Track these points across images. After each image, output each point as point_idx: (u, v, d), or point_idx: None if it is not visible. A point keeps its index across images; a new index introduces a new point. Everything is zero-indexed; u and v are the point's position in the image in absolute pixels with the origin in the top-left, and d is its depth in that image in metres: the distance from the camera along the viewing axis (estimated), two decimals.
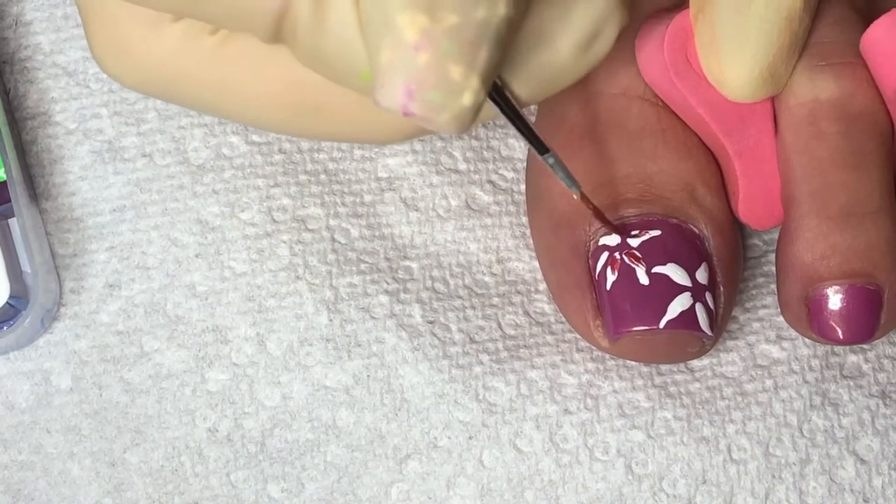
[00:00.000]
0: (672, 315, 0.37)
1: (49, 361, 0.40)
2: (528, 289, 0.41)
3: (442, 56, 0.29)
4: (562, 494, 0.39)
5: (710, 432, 0.40)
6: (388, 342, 0.40)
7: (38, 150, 0.41)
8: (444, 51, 0.29)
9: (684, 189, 0.38)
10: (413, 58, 0.29)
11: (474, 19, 0.29)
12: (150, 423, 0.40)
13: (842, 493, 0.39)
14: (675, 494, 0.39)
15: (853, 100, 0.37)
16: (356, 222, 0.41)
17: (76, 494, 0.39)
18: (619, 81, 0.39)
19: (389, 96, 0.29)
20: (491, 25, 0.29)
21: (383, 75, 0.29)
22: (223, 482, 0.39)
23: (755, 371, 0.40)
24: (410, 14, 0.29)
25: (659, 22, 0.38)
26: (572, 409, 0.40)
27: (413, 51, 0.29)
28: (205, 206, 0.40)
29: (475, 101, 0.30)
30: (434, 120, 0.30)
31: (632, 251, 0.38)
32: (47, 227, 0.40)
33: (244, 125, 0.41)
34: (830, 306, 0.37)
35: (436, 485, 0.39)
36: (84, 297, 0.40)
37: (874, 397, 0.40)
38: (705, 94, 0.38)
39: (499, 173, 0.42)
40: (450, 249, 0.41)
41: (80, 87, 0.41)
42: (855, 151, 0.37)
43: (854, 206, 0.37)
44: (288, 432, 0.40)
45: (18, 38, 0.42)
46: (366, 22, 0.30)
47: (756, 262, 0.42)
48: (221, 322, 0.40)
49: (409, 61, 0.29)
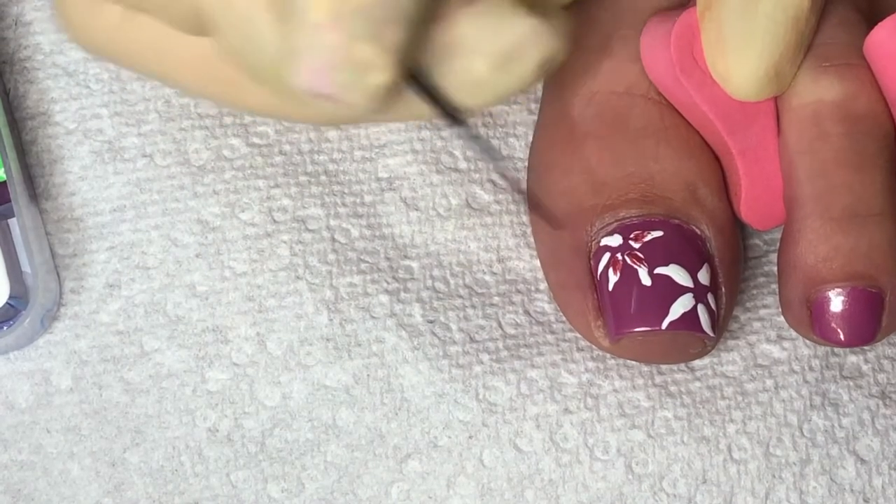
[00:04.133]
0: (674, 316, 0.37)
1: (49, 361, 0.40)
2: (529, 288, 0.41)
3: (350, 36, 0.29)
4: (562, 494, 0.39)
5: (711, 432, 0.40)
6: (388, 342, 0.40)
7: (38, 150, 0.41)
8: (352, 30, 0.29)
9: (686, 189, 0.38)
10: (321, 38, 0.29)
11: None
12: (150, 422, 0.40)
13: (842, 493, 0.40)
14: (675, 494, 0.39)
15: (857, 101, 0.37)
16: (356, 222, 0.41)
17: (76, 494, 0.39)
18: (623, 79, 0.39)
19: (300, 78, 0.30)
20: (400, 4, 0.29)
21: (293, 57, 0.30)
22: (223, 482, 0.39)
23: (756, 371, 0.40)
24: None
25: (664, 20, 0.38)
26: (572, 409, 0.40)
27: (321, 31, 0.29)
28: (205, 207, 0.40)
29: (386, 79, 0.30)
30: (345, 99, 0.30)
31: (634, 252, 0.38)
32: (47, 227, 0.40)
33: (244, 127, 0.41)
34: (832, 308, 0.37)
35: (436, 484, 0.39)
36: (84, 297, 0.40)
37: (874, 397, 0.40)
38: (710, 92, 0.38)
39: (499, 173, 0.42)
40: (450, 249, 0.41)
41: (81, 88, 0.41)
42: (858, 153, 0.37)
43: (857, 208, 0.37)
44: (288, 432, 0.40)
45: (18, 38, 0.42)
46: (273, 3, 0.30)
47: (757, 262, 0.42)
48: (221, 322, 0.40)
49: (318, 41, 0.29)
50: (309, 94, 0.30)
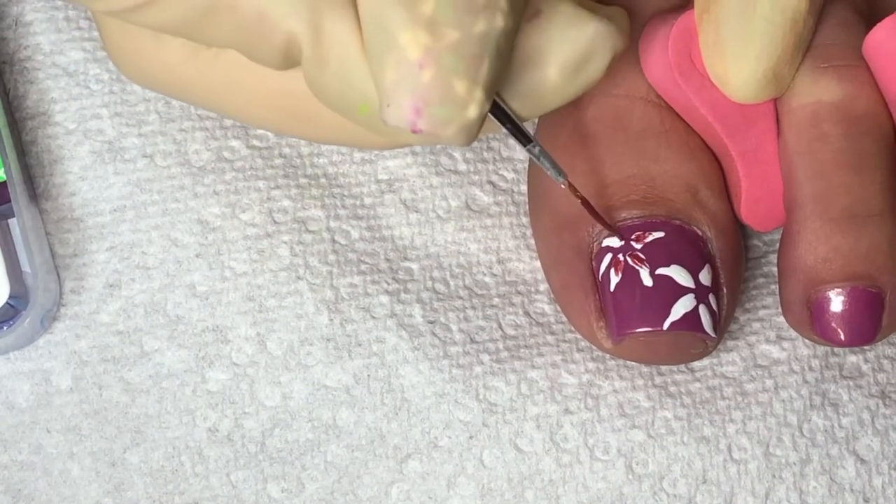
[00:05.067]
0: (675, 317, 0.37)
1: (49, 361, 0.40)
2: (529, 289, 0.41)
3: (445, 71, 0.29)
4: (562, 494, 0.39)
5: (711, 432, 0.40)
6: (388, 342, 0.40)
7: (38, 150, 0.41)
8: (447, 66, 0.29)
9: (687, 190, 0.39)
10: (417, 75, 0.29)
11: (474, 34, 0.30)
12: (150, 423, 0.40)
13: (842, 493, 0.40)
14: (675, 494, 0.39)
15: (856, 102, 0.38)
16: (356, 224, 0.41)
17: (76, 494, 0.39)
18: (623, 82, 0.39)
19: (397, 115, 0.30)
20: (490, 39, 0.30)
21: (389, 94, 0.30)
22: (223, 482, 0.39)
23: (755, 371, 0.40)
24: (412, 32, 0.29)
25: (663, 22, 0.38)
26: (573, 409, 0.40)
27: (417, 68, 0.29)
28: (205, 207, 0.40)
29: (480, 113, 0.30)
30: (441, 134, 0.30)
31: (635, 253, 0.38)
32: (47, 227, 0.40)
33: (244, 129, 0.41)
34: (832, 309, 0.37)
35: (436, 484, 0.39)
36: (84, 297, 0.40)
37: (874, 397, 0.40)
38: (709, 94, 0.38)
39: (499, 174, 0.42)
40: (450, 250, 0.41)
41: (81, 88, 0.41)
42: (857, 153, 0.37)
43: (856, 209, 0.37)
44: (288, 432, 0.40)
45: (18, 38, 0.41)
46: (369, 42, 0.30)
47: (756, 263, 0.42)
48: (222, 322, 0.40)
49: (414, 79, 0.29)
50: (403, 131, 0.30)
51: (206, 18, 0.31)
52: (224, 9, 0.31)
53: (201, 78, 0.34)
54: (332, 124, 0.34)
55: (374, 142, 0.34)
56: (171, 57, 0.34)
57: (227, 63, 0.34)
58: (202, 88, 0.34)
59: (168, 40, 0.34)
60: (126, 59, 0.35)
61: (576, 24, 0.32)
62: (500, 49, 0.30)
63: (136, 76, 0.35)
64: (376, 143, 0.34)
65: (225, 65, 0.34)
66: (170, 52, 0.34)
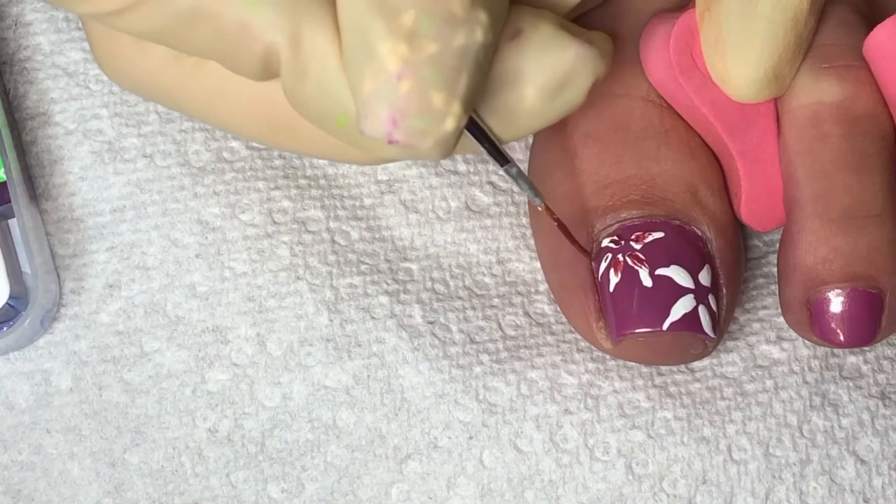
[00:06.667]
0: (675, 317, 0.37)
1: (49, 362, 0.40)
2: (529, 290, 0.41)
3: (424, 83, 0.29)
4: (562, 494, 0.39)
5: (711, 432, 0.40)
6: (388, 342, 0.40)
7: (38, 150, 0.41)
8: (425, 78, 0.29)
9: (687, 190, 0.39)
10: (395, 86, 0.29)
11: (454, 47, 0.30)
12: (150, 423, 0.40)
13: (842, 494, 0.40)
14: (675, 494, 0.39)
15: (856, 102, 0.38)
16: (356, 224, 0.41)
17: (76, 495, 0.39)
18: (623, 82, 0.39)
19: (374, 125, 0.30)
20: (470, 52, 0.30)
21: (367, 105, 0.30)
22: (223, 482, 0.39)
23: (755, 371, 0.40)
24: (392, 43, 0.29)
25: (664, 21, 0.38)
26: (572, 410, 0.40)
27: (395, 79, 0.29)
28: (205, 207, 0.40)
29: (457, 126, 0.30)
30: (417, 146, 0.30)
31: (635, 253, 0.38)
32: (47, 227, 0.40)
33: None
34: (832, 310, 0.37)
35: (436, 485, 0.39)
36: (84, 297, 0.40)
37: (874, 398, 0.40)
38: (710, 93, 0.38)
39: (499, 174, 0.42)
40: (450, 251, 0.41)
41: (80, 88, 0.41)
42: (858, 154, 0.37)
43: (856, 210, 0.37)
44: (288, 432, 0.40)
45: (18, 38, 0.41)
46: (348, 53, 0.30)
47: (756, 263, 0.42)
48: (221, 322, 0.40)
49: (392, 90, 0.29)
50: (380, 142, 0.30)
51: (187, 26, 0.31)
52: (206, 17, 0.31)
53: (183, 85, 0.34)
54: (310, 136, 0.34)
55: (353, 156, 0.34)
56: (153, 63, 0.34)
57: (209, 71, 0.34)
58: (185, 95, 0.34)
59: (150, 46, 0.34)
60: (110, 63, 0.35)
61: (557, 47, 0.31)
62: (480, 63, 0.30)
63: (120, 80, 0.35)
64: (355, 156, 0.34)
65: (206, 73, 0.34)
66: (152, 59, 0.34)
